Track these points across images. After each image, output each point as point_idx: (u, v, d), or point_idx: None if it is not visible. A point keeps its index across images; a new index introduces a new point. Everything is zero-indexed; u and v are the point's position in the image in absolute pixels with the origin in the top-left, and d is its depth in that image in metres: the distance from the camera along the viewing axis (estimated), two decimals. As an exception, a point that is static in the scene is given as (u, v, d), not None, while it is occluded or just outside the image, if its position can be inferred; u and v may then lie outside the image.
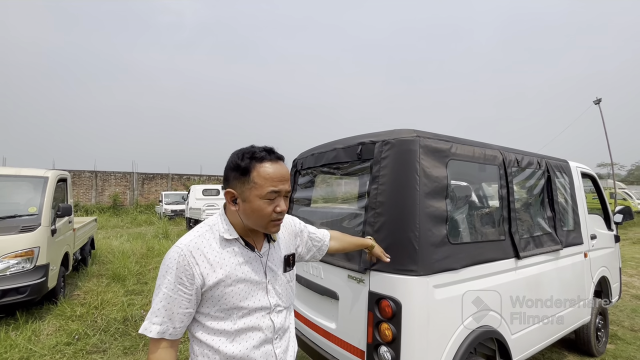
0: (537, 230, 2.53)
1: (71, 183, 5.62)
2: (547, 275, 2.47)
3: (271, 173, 1.02)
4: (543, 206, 2.68)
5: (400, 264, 1.72)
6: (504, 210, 2.26)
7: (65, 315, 3.99)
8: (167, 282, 0.97)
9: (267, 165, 1.02)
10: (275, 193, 1.02)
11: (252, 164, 1.02)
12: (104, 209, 19.59)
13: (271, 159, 1.04)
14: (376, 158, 1.92)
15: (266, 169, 1.02)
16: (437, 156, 1.89)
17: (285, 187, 1.04)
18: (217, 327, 1.01)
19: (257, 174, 1.01)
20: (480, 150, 2.17)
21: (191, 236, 1.04)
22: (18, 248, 3.75)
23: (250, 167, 1.02)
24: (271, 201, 1.03)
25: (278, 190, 1.02)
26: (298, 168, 2.81)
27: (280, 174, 1.04)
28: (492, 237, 2.21)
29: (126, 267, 5.91)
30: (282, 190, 1.04)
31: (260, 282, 1.08)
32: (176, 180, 23.56)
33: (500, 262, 2.11)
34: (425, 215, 1.76)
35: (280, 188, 1.03)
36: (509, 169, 2.32)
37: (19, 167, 4.58)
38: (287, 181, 1.05)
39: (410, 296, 1.68)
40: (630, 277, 6.32)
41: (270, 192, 1.01)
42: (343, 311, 1.99)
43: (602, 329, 3.36)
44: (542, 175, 2.70)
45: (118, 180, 21.55)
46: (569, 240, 2.78)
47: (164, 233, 10.77)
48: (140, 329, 0.97)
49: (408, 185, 1.78)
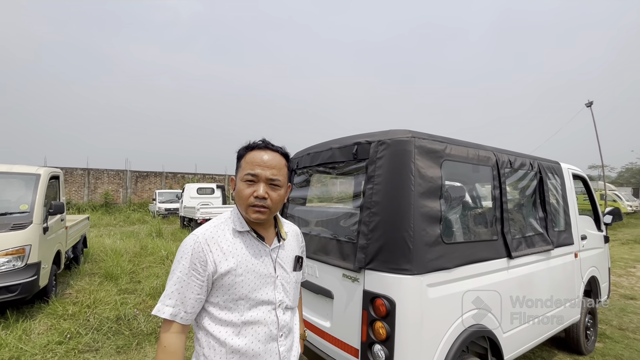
0: (529, 230, 2.57)
1: (63, 180, 5.55)
2: (538, 274, 2.51)
3: (253, 158, 1.08)
4: (535, 207, 2.73)
5: (395, 263, 1.73)
6: (497, 211, 2.29)
7: (57, 314, 3.95)
8: (181, 266, 1.02)
9: (254, 152, 1.10)
10: (252, 176, 1.06)
11: (244, 152, 1.12)
12: (96, 207, 19.36)
13: (260, 147, 1.11)
14: (372, 158, 1.94)
15: (252, 155, 1.10)
16: (432, 157, 1.92)
17: (265, 173, 1.06)
18: (225, 317, 1.04)
19: (244, 159, 1.10)
20: (474, 151, 2.20)
21: (207, 226, 1.10)
22: (9, 246, 3.70)
23: (243, 154, 1.12)
24: (250, 184, 1.07)
25: (255, 173, 1.06)
26: (294, 167, 2.81)
27: (262, 160, 1.08)
28: (484, 237, 2.24)
29: (119, 265, 5.85)
30: (259, 175, 1.06)
31: (269, 276, 1.11)
32: (170, 178, 23.38)
33: (493, 262, 2.14)
34: (419, 215, 1.78)
35: (257, 172, 1.06)
36: (502, 170, 2.36)
37: (11, 164, 4.51)
38: (270, 168, 1.07)
39: (404, 295, 1.70)
40: (618, 277, 6.44)
41: (247, 174, 1.06)
42: (338, 310, 2.00)
43: (591, 328, 3.43)
44: (534, 177, 2.74)
45: (111, 178, 21.31)
46: (560, 240, 2.83)
47: (157, 232, 10.68)
48: (154, 310, 1.02)
49: (403, 185, 1.80)
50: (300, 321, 1.45)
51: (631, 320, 4.24)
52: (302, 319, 1.48)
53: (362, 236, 1.86)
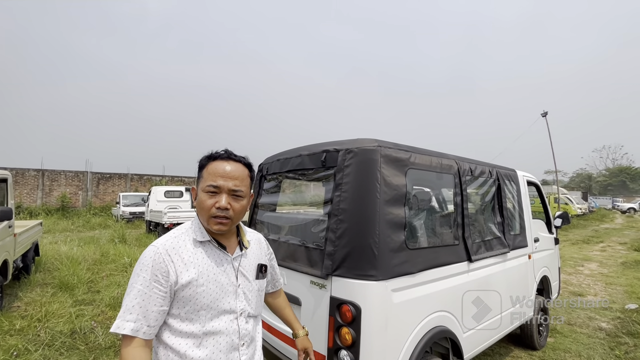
0: (487, 234, 2.73)
1: (12, 183, 5.11)
2: (496, 276, 2.66)
3: (215, 169, 1.07)
4: (493, 212, 2.90)
5: (361, 269, 1.77)
6: (458, 216, 2.41)
7: (2, 329, 3.61)
8: (142, 279, 0.99)
9: (216, 163, 1.09)
10: (214, 187, 1.05)
11: (206, 161, 1.11)
12: (51, 211, 18.01)
13: (222, 157, 1.10)
14: (339, 166, 1.97)
15: (214, 165, 1.08)
16: (397, 165, 1.98)
17: (227, 184, 1.06)
18: (186, 329, 1.02)
19: (206, 169, 1.09)
20: (438, 160, 2.30)
21: (167, 237, 1.08)
22: (-55, 256, 3.35)
23: (204, 164, 1.11)
24: (212, 195, 1.06)
25: (217, 185, 1.06)
26: (264, 173, 2.79)
27: (224, 171, 1.07)
28: (447, 241, 2.35)
29: (75, 274, 5.47)
30: (221, 186, 1.05)
31: (230, 285, 1.10)
32: (136, 180, 22.27)
33: (454, 265, 2.25)
34: (384, 222, 1.83)
35: (219, 183, 1.06)
36: (463, 178, 2.48)
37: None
38: (233, 179, 1.07)
39: (369, 300, 1.74)
40: (568, 275, 6.97)
41: (209, 186, 1.05)
42: (305, 317, 2.00)
43: (544, 324, 3.68)
44: (493, 184, 2.92)
45: (69, 180, 19.93)
46: (516, 243, 3.03)
47: (120, 237, 10.11)
48: (112, 327, 0.97)
49: (369, 193, 1.85)
50: (295, 320, 1.48)
51: (579, 316, 4.61)
52: (295, 318, 1.50)
53: (329, 243, 1.89)
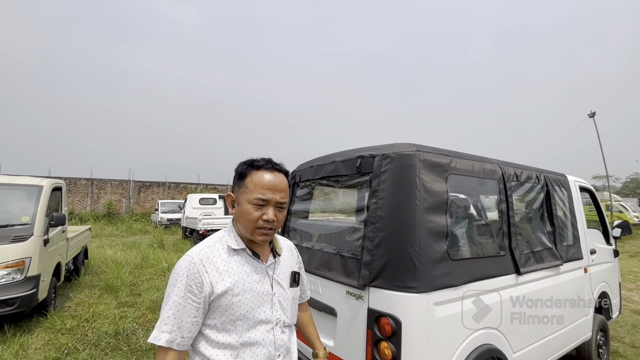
0: (537, 245, 2.51)
1: (66, 191, 5.55)
2: (547, 291, 2.44)
3: (262, 180, 1.05)
4: (543, 221, 2.67)
5: (400, 281, 1.68)
6: (504, 225, 2.24)
7: (55, 328, 3.88)
8: (177, 290, 0.98)
9: (260, 173, 1.07)
10: (262, 200, 1.04)
11: (248, 170, 1.08)
12: (99, 217, 19.38)
13: (267, 167, 1.08)
14: (375, 172, 1.91)
15: (259, 176, 1.06)
16: (437, 170, 1.88)
17: (275, 197, 1.05)
18: (223, 340, 1.01)
19: (251, 179, 1.06)
20: (480, 165, 2.17)
21: (201, 246, 1.07)
22: (9, 258, 3.67)
23: (246, 173, 1.08)
24: (259, 207, 1.04)
25: (266, 198, 1.04)
26: (296, 180, 2.79)
27: (272, 183, 1.05)
28: (492, 252, 2.19)
29: (119, 277, 5.79)
30: (270, 200, 1.05)
31: (266, 294, 1.09)
32: (173, 188, 23.44)
33: (501, 278, 2.08)
34: (425, 231, 1.73)
35: (268, 197, 1.04)
36: (508, 183, 2.32)
37: (14, 175, 4.53)
38: (280, 191, 1.06)
39: (410, 314, 1.65)
40: (629, 292, 6.29)
41: (258, 199, 1.04)
42: (341, 328, 1.94)
43: (604, 346, 3.31)
44: (541, 190, 2.70)
45: (114, 188, 21.40)
46: (569, 255, 2.76)
47: (159, 242, 10.63)
48: (150, 338, 0.97)
49: (408, 200, 1.76)
50: (317, 339, 1.42)
51: (644, 337, 4.11)
52: (318, 337, 1.44)
53: (366, 252, 1.82)
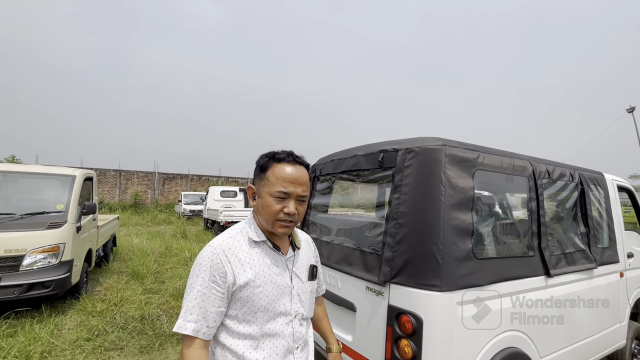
0: (569, 246, 2.38)
1: (96, 181, 5.82)
2: (579, 295, 2.31)
3: (284, 173, 1.05)
4: (576, 221, 2.53)
5: (423, 278, 1.64)
6: (534, 225, 2.13)
7: (86, 310, 4.11)
8: (200, 280, 0.99)
9: (282, 166, 1.06)
10: (284, 194, 1.04)
11: (269, 163, 1.08)
12: (126, 207, 20.27)
13: (288, 160, 1.08)
14: (399, 166, 1.86)
15: (280, 169, 1.06)
16: (464, 166, 1.81)
17: (297, 190, 1.05)
18: (243, 330, 1.02)
19: (272, 172, 1.06)
20: (509, 161, 2.07)
21: (223, 237, 1.08)
22: (45, 243, 3.90)
23: (267, 166, 1.08)
24: (280, 200, 1.04)
25: (287, 191, 1.04)
26: (317, 174, 2.77)
27: (293, 177, 1.05)
28: (520, 252, 2.10)
29: (145, 265, 6.05)
30: (291, 193, 1.04)
31: (286, 287, 1.09)
32: (195, 180, 24.12)
33: (529, 280, 1.99)
34: (449, 228, 1.68)
35: (289, 190, 1.04)
36: (539, 181, 2.20)
37: (50, 166, 4.79)
38: (301, 185, 1.06)
39: (432, 312, 1.60)
40: (667, 299, 5.88)
41: (279, 192, 1.04)
42: (360, 324, 1.92)
43: (638, 355, 3.12)
44: (575, 188, 2.55)
45: (140, 180, 22.29)
46: (604, 258, 2.60)
47: (182, 233, 11.00)
48: (175, 327, 0.98)
49: (432, 196, 1.71)
50: (331, 334, 1.41)
51: (684, 348, 3.83)
52: (332, 331, 1.43)
53: (387, 248, 1.78)
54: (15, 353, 3.00)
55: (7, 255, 3.72)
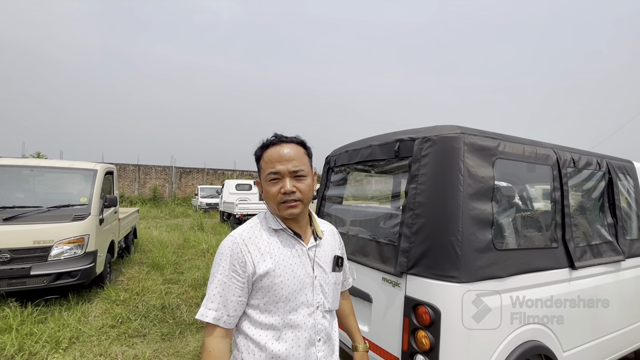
0: (595, 238, 2.29)
1: (117, 175, 6.00)
2: (605, 288, 2.22)
3: (270, 155, 1.05)
4: (603, 212, 2.42)
5: (441, 270, 1.61)
6: (557, 215, 2.06)
7: (110, 299, 4.28)
8: (221, 269, 1.01)
9: (269, 150, 1.07)
10: (274, 174, 1.04)
11: (260, 152, 1.09)
12: (145, 201, 20.88)
13: (274, 143, 1.07)
14: (415, 156, 1.82)
15: (268, 154, 1.06)
16: (483, 155, 1.75)
17: (287, 167, 1.03)
18: (265, 320, 1.02)
19: (263, 159, 1.08)
20: (531, 149, 1.99)
21: (244, 227, 1.09)
22: (71, 235, 4.07)
23: (260, 155, 1.09)
24: (275, 182, 1.04)
25: (276, 170, 1.03)
26: (331, 165, 2.75)
27: (279, 155, 1.04)
28: (543, 244, 2.02)
29: (164, 256, 6.23)
30: (282, 171, 1.03)
31: (307, 276, 1.07)
32: (211, 174, 24.54)
33: (552, 272, 1.93)
34: (468, 218, 1.63)
35: (278, 168, 1.03)
36: (564, 170, 2.11)
37: (73, 161, 4.96)
38: (290, 160, 1.04)
39: (450, 304, 1.58)
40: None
41: (269, 174, 1.04)
42: (377, 315, 1.92)
43: (668, 351, 2.99)
44: (602, 177, 2.43)
45: (158, 174, 22.86)
46: (633, 250, 2.49)
47: (199, 225, 11.24)
48: (197, 314, 1.01)
49: (450, 186, 1.67)
50: (357, 332, 1.37)
51: None
52: (358, 329, 1.39)
53: (404, 239, 1.76)
54: (46, 338, 3.16)
55: (36, 246, 3.90)
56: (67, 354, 3.00)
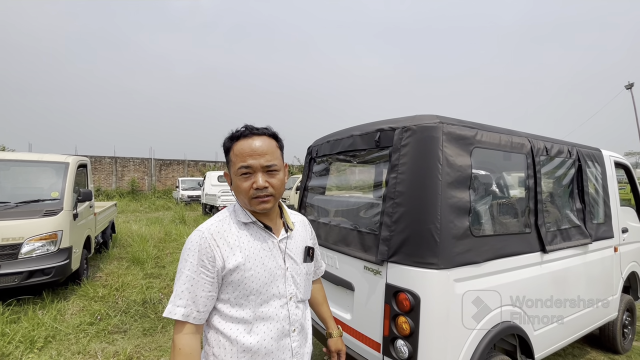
0: (565, 222, 2.40)
1: (91, 168, 5.76)
2: (574, 270, 2.35)
3: (242, 149, 1.01)
4: (572, 197, 2.54)
5: (420, 257, 1.65)
6: (531, 202, 2.14)
7: (88, 296, 4.15)
8: (189, 264, 0.98)
9: (240, 142, 1.03)
10: (245, 168, 1.00)
11: (230, 144, 1.05)
12: (123, 194, 20.22)
13: (245, 135, 1.03)
14: (395, 145, 1.83)
15: (238, 146, 1.02)
16: (461, 144, 1.79)
17: (259, 162, 1.00)
18: (236, 314, 1.00)
19: (233, 152, 1.04)
20: (507, 138, 2.04)
21: (212, 221, 1.06)
22: (42, 231, 3.89)
23: (229, 147, 1.05)
24: (246, 177, 1.01)
25: (247, 165, 1.00)
26: (313, 155, 2.74)
27: (251, 148, 1.01)
28: (517, 229, 2.11)
29: (145, 250, 6.08)
30: (253, 165, 1.00)
31: (278, 268, 1.07)
32: (192, 166, 23.98)
33: (525, 256, 2.01)
34: (447, 206, 1.67)
35: (250, 163, 1.00)
36: (537, 158, 2.19)
37: (42, 153, 4.71)
38: (262, 155, 1.01)
39: (429, 290, 1.62)
40: (658, 272, 6.03)
41: (240, 168, 1.01)
42: (359, 302, 1.95)
43: (629, 326, 3.22)
44: (573, 165, 2.54)
45: (137, 166, 22.12)
46: (599, 233, 2.63)
47: (180, 218, 11.03)
48: (165, 312, 0.97)
49: (429, 175, 1.69)
50: (330, 319, 1.39)
51: (673, 319, 3.96)
52: (331, 316, 1.41)
53: (385, 228, 1.78)
54: (19, 338, 3.04)
55: (5, 244, 3.71)
56: (43, 353, 2.91)
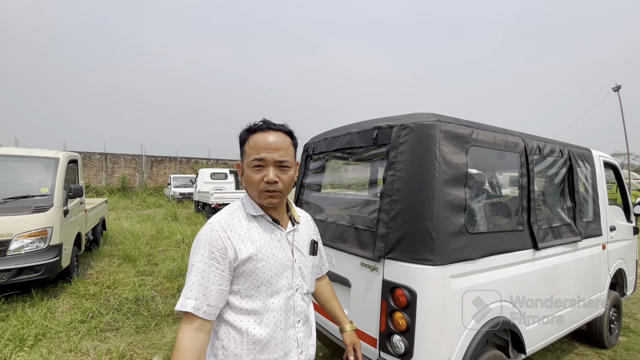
0: (556, 220, 2.45)
1: (82, 164, 5.65)
2: (564, 266, 2.40)
3: (257, 141, 1.03)
4: (563, 196, 2.59)
5: (417, 253, 1.67)
6: (524, 200, 2.18)
7: (79, 293, 4.09)
8: (200, 257, 0.98)
9: (256, 135, 1.05)
10: (259, 161, 1.02)
11: (246, 135, 1.07)
12: (113, 191, 19.90)
13: (262, 128, 1.05)
14: (393, 143, 1.85)
15: (254, 139, 1.04)
16: (458, 142, 1.81)
17: (273, 156, 1.02)
18: (247, 306, 1.01)
19: (248, 144, 1.06)
20: (502, 137, 2.08)
21: (222, 214, 1.07)
22: (32, 228, 3.81)
23: (245, 138, 1.07)
24: (258, 170, 1.03)
25: (261, 157, 1.02)
26: (309, 153, 2.74)
27: (266, 142, 1.03)
28: (510, 227, 2.15)
29: (137, 248, 6.01)
30: (267, 159, 1.02)
31: (287, 260, 1.09)
32: (184, 163, 23.71)
33: (518, 253, 2.05)
34: (443, 204, 1.69)
35: (263, 156, 1.02)
36: (531, 157, 2.23)
37: (31, 148, 4.60)
38: (277, 150, 1.03)
39: (426, 286, 1.64)
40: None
41: (254, 160, 1.02)
42: (355, 299, 1.96)
43: (615, 322, 3.31)
44: (564, 164, 2.60)
45: (127, 163, 21.77)
46: (588, 231, 2.70)
47: (172, 216, 10.91)
48: (176, 306, 0.96)
49: (426, 172, 1.71)
50: (342, 314, 1.40)
51: (656, 314, 4.09)
52: (342, 311, 1.41)
53: (382, 224, 1.80)
54: (8, 336, 2.98)
55: (-7, 241, 3.63)
56: (34, 352, 2.86)
